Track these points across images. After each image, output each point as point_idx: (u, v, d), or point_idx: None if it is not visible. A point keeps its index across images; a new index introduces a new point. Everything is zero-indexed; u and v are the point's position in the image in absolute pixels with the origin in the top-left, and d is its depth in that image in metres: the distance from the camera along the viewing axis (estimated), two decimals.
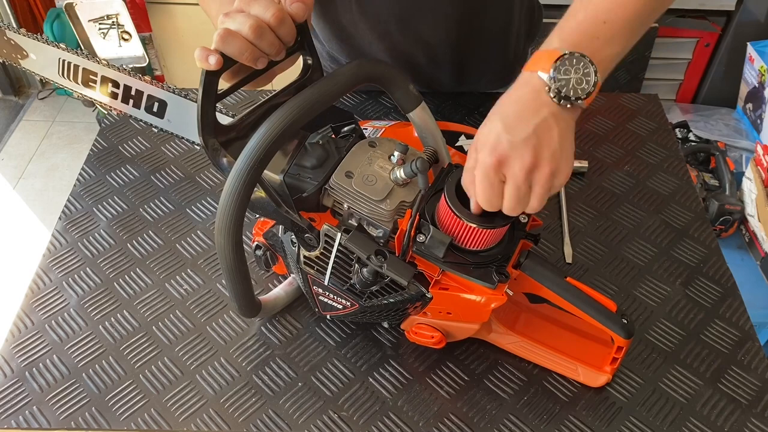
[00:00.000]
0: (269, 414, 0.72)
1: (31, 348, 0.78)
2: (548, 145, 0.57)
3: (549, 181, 0.58)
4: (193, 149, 1.01)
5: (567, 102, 0.58)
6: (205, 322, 0.80)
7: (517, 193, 0.58)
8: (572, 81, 0.58)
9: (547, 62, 0.58)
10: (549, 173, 0.58)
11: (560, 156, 0.58)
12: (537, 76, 0.58)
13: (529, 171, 0.57)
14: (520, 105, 0.59)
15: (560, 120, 0.58)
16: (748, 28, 1.98)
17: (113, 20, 1.95)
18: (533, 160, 0.57)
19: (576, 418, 0.71)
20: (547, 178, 0.58)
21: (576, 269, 0.85)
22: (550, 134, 0.57)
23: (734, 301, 0.82)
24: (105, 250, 0.88)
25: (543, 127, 0.57)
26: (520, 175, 0.57)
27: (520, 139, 0.57)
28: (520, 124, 0.57)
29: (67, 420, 0.72)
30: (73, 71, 0.90)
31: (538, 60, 0.59)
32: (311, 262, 0.69)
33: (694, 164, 1.85)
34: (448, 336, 0.73)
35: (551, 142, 0.57)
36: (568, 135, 0.59)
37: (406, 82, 0.65)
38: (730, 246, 1.74)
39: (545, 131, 0.57)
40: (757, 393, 0.73)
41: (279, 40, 0.61)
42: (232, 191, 0.57)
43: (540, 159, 0.57)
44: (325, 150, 0.68)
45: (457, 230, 0.64)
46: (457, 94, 1.08)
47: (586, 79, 0.58)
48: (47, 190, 2.34)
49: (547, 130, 0.57)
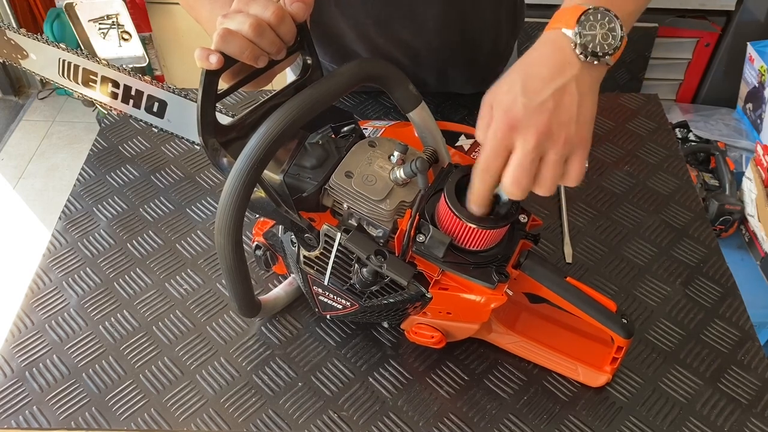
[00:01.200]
0: (269, 414, 0.72)
1: (31, 348, 0.78)
2: (566, 111, 0.55)
3: (562, 149, 0.55)
4: (193, 149, 1.01)
5: (594, 58, 0.56)
6: (205, 322, 0.80)
7: (523, 162, 0.55)
8: (598, 36, 0.56)
9: (571, 18, 0.56)
10: (563, 142, 0.55)
11: (576, 125, 0.55)
12: (561, 34, 0.56)
13: (540, 138, 0.54)
14: (542, 65, 0.56)
15: (582, 84, 0.56)
16: (748, 28, 1.98)
17: (113, 20, 1.95)
18: (546, 127, 0.54)
19: (576, 417, 0.71)
20: (560, 148, 0.55)
21: (576, 269, 0.85)
22: (569, 99, 0.55)
23: (734, 301, 0.82)
24: (105, 250, 0.88)
25: (562, 92, 0.55)
26: (531, 141, 0.54)
27: (536, 104, 0.54)
28: (539, 86, 0.55)
29: (67, 420, 0.72)
30: (73, 71, 0.90)
31: (561, 17, 0.57)
32: (311, 262, 0.69)
33: (694, 164, 1.85)
34: (448, 336, 0.73)
35: (569, 109, 0.55)
36: (589, 102, 0.57)
37: (405, 82, 0.65)
38: (730, 246, 1.74)
39: (564, 96, 0.55)
40: (757, 393, 0.73)
41: (279, 39, 0.61)
42: (232, 191, 0.57)
43: (553, 126, 0.54)
44: (325, 150, 0.68)
45: (456, 230, 0.64)
46: (457, 95, 1.08)
47: (612, 33, 0.56)
48: (47, 190, 2.34)
49: (567, 94, 0.55)
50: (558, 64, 0.56)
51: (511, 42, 1.07)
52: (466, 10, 0.93)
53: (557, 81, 0.55)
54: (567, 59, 0.56)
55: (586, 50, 0.56)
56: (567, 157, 0.56)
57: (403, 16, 0.91)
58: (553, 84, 0.55)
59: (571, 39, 0.56)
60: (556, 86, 0.55)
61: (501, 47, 1.04)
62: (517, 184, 0.57)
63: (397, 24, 0.92)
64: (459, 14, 0.93)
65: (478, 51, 1.01)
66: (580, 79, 0.56)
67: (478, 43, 0.99)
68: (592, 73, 0.57)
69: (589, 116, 0.57)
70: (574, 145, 0.56)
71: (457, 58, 1.00)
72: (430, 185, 0.66)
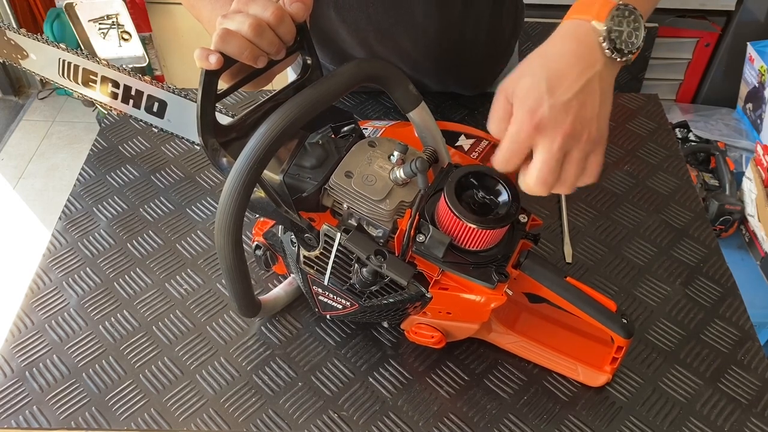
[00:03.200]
0: (269, 414, 0.72)
1: (31, 348, 0.78)
2: (590, 109, 0.54)
3: (585, 147, 0.55)
4: (193, 149, 1.01)
5: (619, 55, 0.55)
6: (205, 322, 0.80)
7: (549, 161, 0.54)
8: (624, 33, 0.55)
9: (602, 10, 0.55)
10: (585, 140, 0.55)
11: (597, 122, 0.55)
12: (589, 26, 0.55)
13: (565, 139, 0.54)
14: (566, 60, 0.55)
15: (603, 81, 0.55)
16: (748, 28, 1.98)
17: (113, 20, 1.95)
18: (571, 127, 0.54)
19: (576, 417, 0.71)
20: (583, 145, 0.55)
21: (576, 269, 0.85)
22: (592, 98, 0.54)
23: (734, 300, 0.82)
24: (105, 250, 0.88)
25: (586, 90, 0.54)
26: (557, 141, 0.54)
27: (562, 103, 0.54)
28: (564, 84, 0.54)
29: (67, 420, 0.72)
30: (73, 71, 0.90)
31: (588, 8, 0.56)
32: (311, 262, 0.69)
33: (694, 164, 1.85)
34: (448, 336, 0.73)
35: (591, 107, 0.54)
36: (608, 99, 0.56)
37: (405, 82, 0.65)
38: (730, 246, 1.74)
39: (587, 94, 0.54)
40: (757, 393, 0.73)
41: (279, 39, 0.61)
42: (232, 191, 0.57)
43: (577, 125, 0.54)
44: (325, 150, 0.68)
45: (456, 230, 0.64)
46: (457, 95, 1.08)
47: (636, 33, 0.56)
48: (47, 190, 2.34)
49: (591, 93, 0.54)
50: (584, 60, 0.55)
51: (512, 43, 1.06)
52: (466, 15, 0.93)
53: (582, 77, 0.54)
54: (593, 54, 0.55)
55: (613, 45, 0.55)
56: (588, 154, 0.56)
57: (404, 24, 0.91)
58: (579, 81, 0.54)
59: (601, 32, 0.55)
60: (582, 83, 0.54)
61: (501, 49, 1.04)
62: (543, 184, 0.56)
63: (395, 31, 0.91)
64: (458, 19, 0.92)
65: (478, 54, 1.00)
66: (603, 75, 0.55)
67: (478, 48, 0.99)
68: (612, 71, 0.57)
69: (607, 113, 0.57)
70: (595, 143, 0.56)
71: (457, 63, 0.99)
72: (430, 185, 0.66)
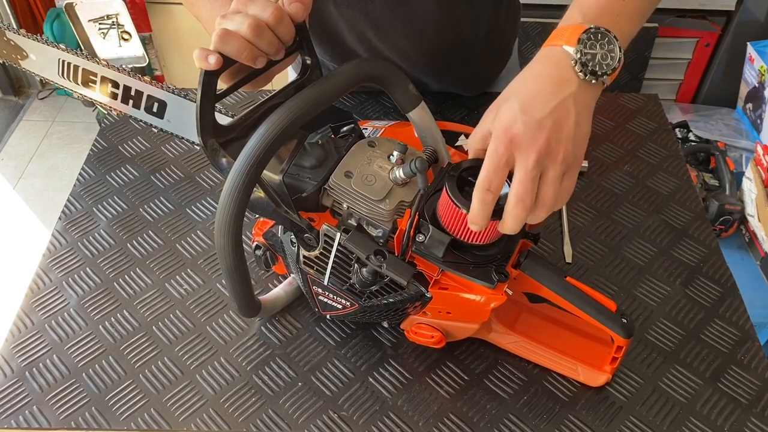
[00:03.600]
0: (269, 414, 0.72)
1: (31, 348, 0.78)
2: (564, 129, 0.55)
3: (560, 167, 0.56)
4: (193, 149, 1.01)
5: (593, 77, 0.56)
6: (205, 322, 0.80)
7: (524, 179, 0.55)
8: (598, 56, 0.56)
9: (572, 36, 0.57)
10: (561, 160, 0.55)
11: (572, 142, 0.56)
12: (561, 50, 0.57)
13: (539, 156, 0.55)
14: (540, 82, 0.57)
15: (579, 102, 0.56)
16: (748, 28, 1.98)
17: (113, 20, 1.95)
18: (545, 145, 0.55)
19: (576, 417, 0.71)
20: (558, 165, 0.55)
21: (576, 269, 0.85)
22: (567, 117, 0.56)
23: (734, 300, 0.82)
24: (105, 250, 0.88)
25: (560, 110, 0.55)
26: (531, 158, 0.55)
27: (535, 121, 0.55)
28: (538, 104, 0.55)
29: (67, 420, 0.72)
30: (73, 72, 0.90)
31: (561, 34, 0.58)
32: (311, 262, 0.69)
33: (694, 164, 1.85)
34: (448, 336, 0.73)
35: (566, 127, 0.55)
36: (584, 120, 0.57)
37: (405, 82, 0.65)
38: (730, 246, 1.74)
39: (562, 113, 0.55)
40: (757, 393, 0.73)
41: (278, 39, 0.61)
42: (232, 191, 0.57)
43: (552, 143, 0.55)
44: (325, 150, 0.68)
45: (458, 224, 0.64)
46: (457, 95, 1.08)
47: (611, 54, 0.57)
48: (47, 190, 2.34)
49: (564, 112, 0.56)
50: (557, 81, 0.57)
51: (511, 43, 1.06)
52: (465, 15, 0.93)
53: (556, 98, 0.56)
54: (566, 76, 0.57)
55: (585, 68, 0.57)
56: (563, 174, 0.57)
57: (403, 23, 0.91)
58: (552, 101, 0.56)
59: (572, 56, 0.57)
60: (555, 103, 0.56)
61: (501, 48, 1.04)
62: (521, 202, 0.56)
63: (393, 29, 0.91)
64: (458, 19, 0.92)
65: (478, 54, 1.00)
66: (578, 96, 0.57)
67: (478, 47, 0.99)
68: (589, 92, 0.58)
69: (584, 134, 0.58)
70: (569, 164, 0.57)
71: (456, 62, 0.99)
72: (430, 185, 0.66)
